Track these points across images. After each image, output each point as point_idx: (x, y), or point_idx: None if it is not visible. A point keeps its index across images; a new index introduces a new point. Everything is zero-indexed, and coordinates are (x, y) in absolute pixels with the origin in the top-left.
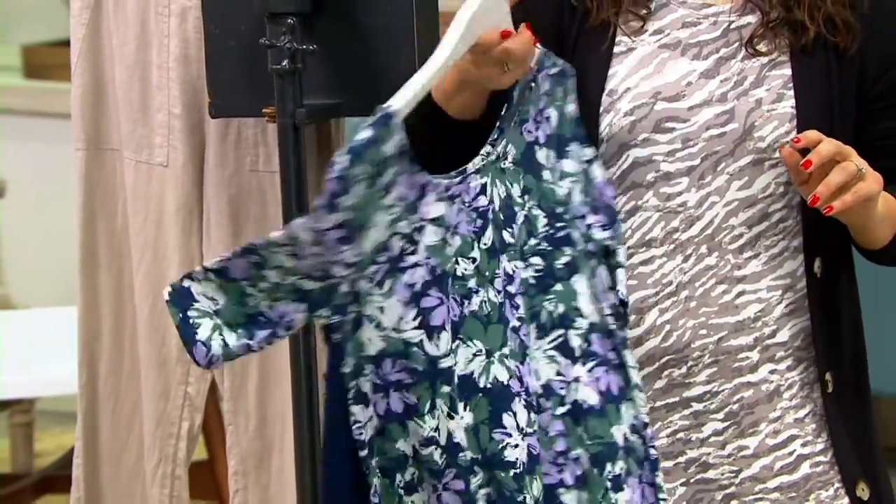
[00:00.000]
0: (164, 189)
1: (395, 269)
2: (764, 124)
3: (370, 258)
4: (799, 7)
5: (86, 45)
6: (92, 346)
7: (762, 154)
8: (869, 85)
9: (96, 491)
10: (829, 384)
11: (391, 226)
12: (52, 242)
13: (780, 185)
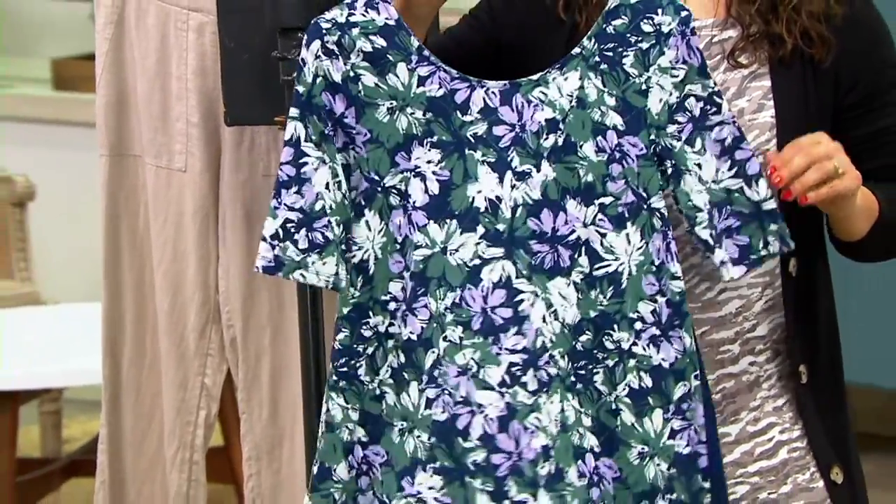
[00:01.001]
0: (183, 193)
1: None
2: (746, 133)
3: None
4: (777, 21)
5: (109, 59)
6: (115, 339)
7: None
8: (843, 94)
9: (120, 475)
10: (803, 376)
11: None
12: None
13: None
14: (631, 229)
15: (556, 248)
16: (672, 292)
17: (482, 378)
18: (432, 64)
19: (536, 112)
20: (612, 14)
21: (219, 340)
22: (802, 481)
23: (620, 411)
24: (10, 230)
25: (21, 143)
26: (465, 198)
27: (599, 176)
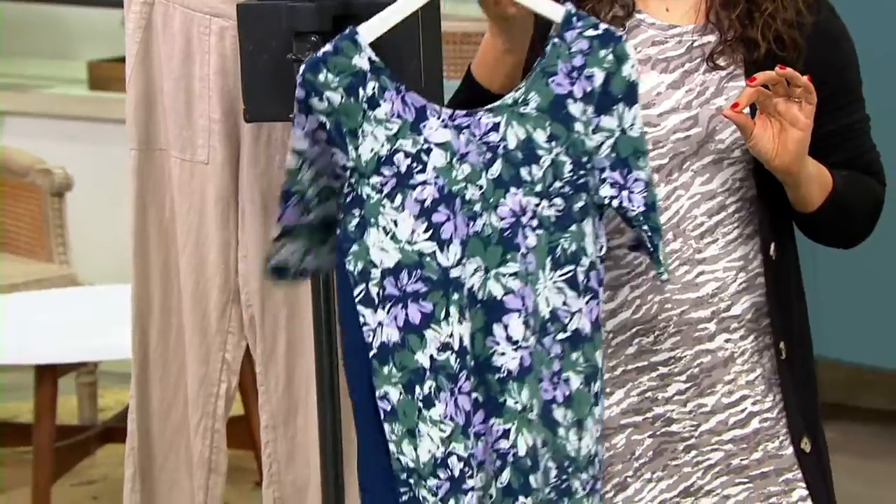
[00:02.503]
0: (206, 184)
1: (405, 185)
2: (724, 128)
3: (373, 167)
4: (752, 27)
5: (138, 61)
6: (144, 318)
7: (722, 154)
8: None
9: (148, 442)
10: (783, 352)
11: (392, 141)
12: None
13: (736, 181)
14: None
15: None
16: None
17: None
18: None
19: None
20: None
21: (238, 319)
22: (772, 449)
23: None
24: (49, 218)
25: (59, 138)
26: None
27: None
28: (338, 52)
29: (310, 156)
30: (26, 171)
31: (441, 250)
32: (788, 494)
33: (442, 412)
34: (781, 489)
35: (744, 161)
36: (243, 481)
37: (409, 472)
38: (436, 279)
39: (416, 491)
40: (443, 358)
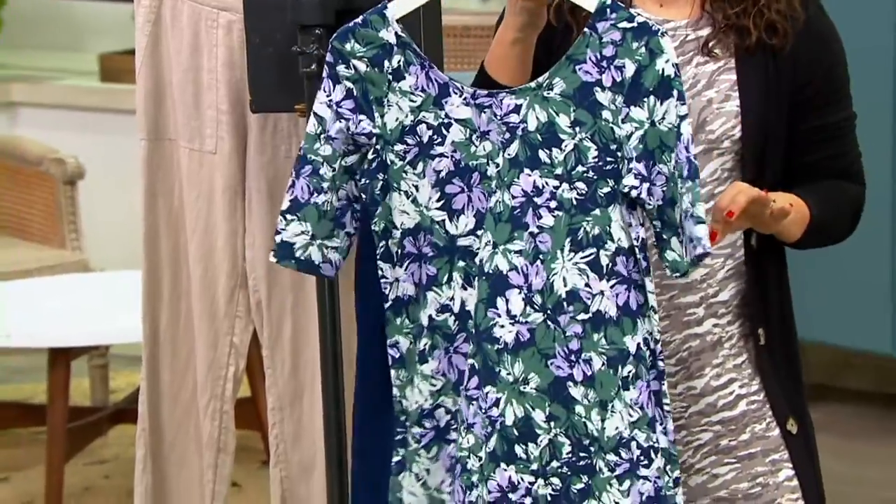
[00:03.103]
0: (213, 172)
1: (426, 154)
2: (714, 120)
3: (397, 135)
4: (746, 16)
5: (148, 53)
6: (154, 302)
7: (712, 144)
8: (798, 90)
9: (158, 423)
10: (761, 337)
11: (416, 112)
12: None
13: (724, 171)
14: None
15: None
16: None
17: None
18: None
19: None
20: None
21: (246, 304)
22: (759, 430)
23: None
24: (62, 206)
25: (72, 128)
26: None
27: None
28: (366, 24)
29: (329, 129)
30: (40, 160)
31: (450, 219)
32: (775, 475)
33: (434, 368)
34: (768, 469)
35: (732, 152)
36: (251, 460)
37: (407, 416)
38: (441, 246)
39: (406, 435)
40: (441, 319)
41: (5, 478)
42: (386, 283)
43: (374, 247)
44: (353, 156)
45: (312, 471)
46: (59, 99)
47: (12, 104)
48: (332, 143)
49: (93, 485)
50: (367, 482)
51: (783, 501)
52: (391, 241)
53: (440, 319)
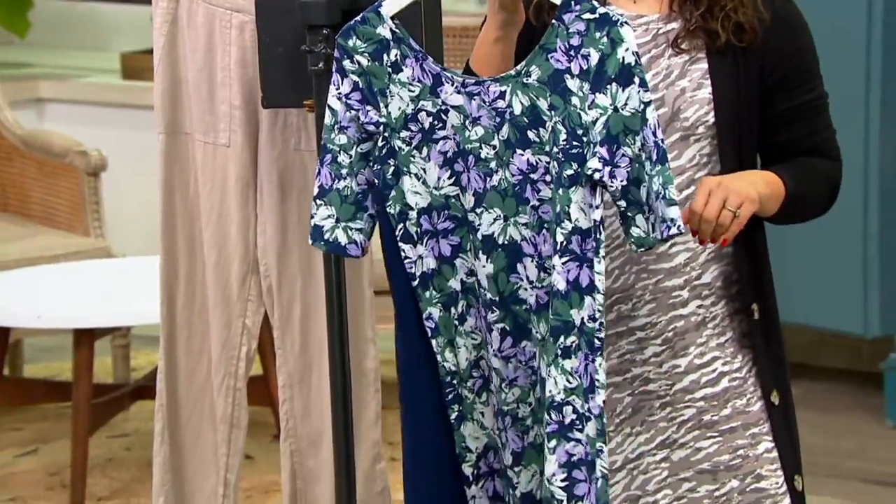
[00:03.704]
0: (227, 164)
1: (429, 139)
2: (688, 108)
3: (401, 123)
4: (713, 18)
5: (165, 52)
6: (171, 287)
7: (687, 131)
8: (766, 75)
9: (175, 399)
10: (755, 312)
11: (416, 101)
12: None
13: (703, 157)
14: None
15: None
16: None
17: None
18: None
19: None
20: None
21: (257, 288)
22: (740, 405)
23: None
24: (86, 196)
25: (95, 123)
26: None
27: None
28: (365, 21)
29: (341, 120)
30: (65, 153)
31: (462, 194)
32: (755, 447)
33: (473, 325)
34: (748, 442)
35: (709, 137)
36: (263, 435)
37: (452, 375)
38: (461, 217)
39: (458, 390)
40: (470, 281)
41: (34, 449)
42: (410, 263)
43: (391, 228)
44: (367, 143)
45: (320, 444)
46: (84, 95)
47: (40, 100)
48: (345, 132)
49: (115, 456)
50: (426, 439)
51: (762, 472)
52: (409, 222)
53: (470, 282)
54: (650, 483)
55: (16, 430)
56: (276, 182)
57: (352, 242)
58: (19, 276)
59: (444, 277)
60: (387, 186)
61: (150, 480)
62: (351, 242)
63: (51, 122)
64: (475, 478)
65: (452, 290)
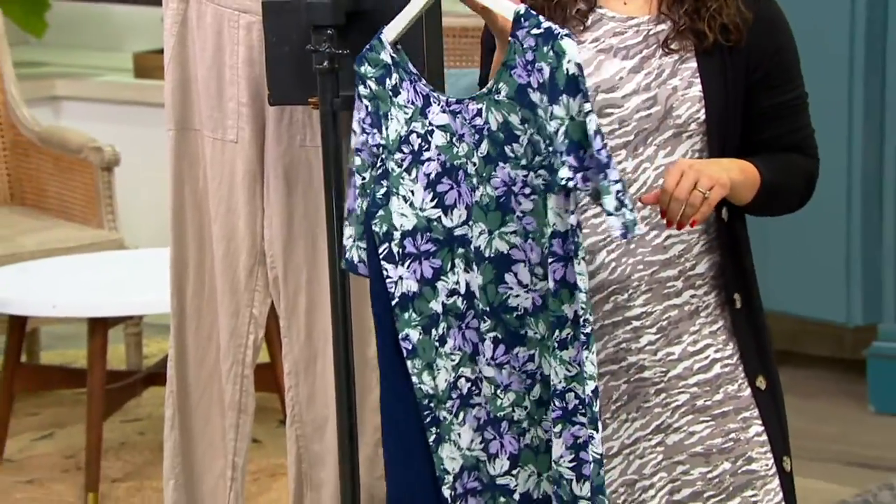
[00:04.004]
0: (235, 160)
1: (417, 160)
2: (680, 105)
3: (396, 145)
4: (700, 20)
5: (175, 52)
6: (181, 277)
7: (680, 128)
8: (751, 73)
9: (185, 386)
10: (737, 302)
11: (409, 123)
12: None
13: (695, 152)
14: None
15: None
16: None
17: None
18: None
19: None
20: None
21: (264, 279)
22: (731, 391)
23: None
24: (100, 190)
25: (109, 120)
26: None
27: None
28: (372, 49)
29: (357, 143)
30: (80, 149)
31: (445, 214)
32: (745, 430)
33: (452, 345)
34: (739, 426)
35: (700, 133)
36: (269, 420)
37: (430, 398)
38: (442, 239)
39: (436, 413)
40: (451, 301)
41: (50, 433)
42: (391, 283)
43: (375, 247)
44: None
45: (325, 429)
46: (98, 93)
47: (56, 98)
48: (360, 154)
49: (128, 440)
50: (401, 457)
51: (753, 454)
52: (393, 242)
53: (450, 302)
54: (646, 467)
55: (33, 415)
56: (282, 177)
57: (361, 261)
58: (36, 266)
59: (425, 300)
60: (376, 205)
61: (162, 463)
62: (360, 261)
63: (66, 119)
64: (453, 499)
65: (433, 312)
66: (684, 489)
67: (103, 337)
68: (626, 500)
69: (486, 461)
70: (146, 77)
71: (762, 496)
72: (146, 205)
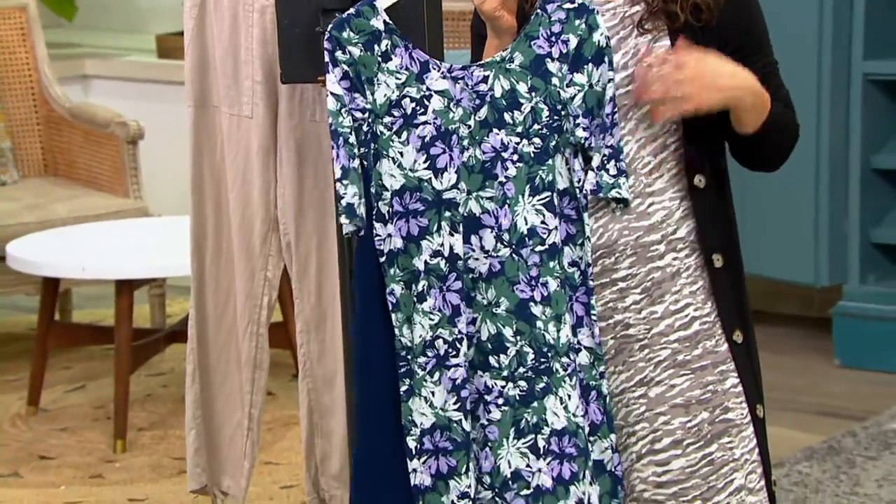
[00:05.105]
0: (250, 134)
1: (410, 124)
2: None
3: (385, 109)
4: (672, 1)
5: (194, 33)
6: (200, 243)
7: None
8: (723, 46)
9: (204, 343)
10: (717, 261)
11: (401, 88)
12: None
13: (673, 124)
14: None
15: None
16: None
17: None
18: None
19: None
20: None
21: (277, 244)
22: (710, 346)
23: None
24: (125, 162)
25: (133, 97)
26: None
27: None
28: (359, 14)
29: (345, 102)
30: (108, 124)
31: (436, 177)
32: (722, 383)
33: (431, 305)
34: (717, 378)
35: None
36: (283, 374)
37: (407, 350)
38: (430, 200)
39: (411, 365)
40: (434, 262)
41: (82, 386)
42: (380, 241)
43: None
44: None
45: (334, 383)
46: (124, 72)
47: (85, 77)
48: (350, 113)
49: (153, 392)
50: (374, 408)
51: (729, 405)
52: (382, 202)
53: (433, 263)
54: (630, 416)
55: (66, 369)
56: (293, 150)
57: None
58: (67, 233)
59: (409, 256)
60: (369, 168)
61: (184, 413)
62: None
63: (95, 96)
64: (418, 452)
65: (416, 268)
66: (665, 438)
67: (129, 297)
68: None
69: (459, 421)
70: (168, 57)
71: (737, 442)
72: (168, 175)
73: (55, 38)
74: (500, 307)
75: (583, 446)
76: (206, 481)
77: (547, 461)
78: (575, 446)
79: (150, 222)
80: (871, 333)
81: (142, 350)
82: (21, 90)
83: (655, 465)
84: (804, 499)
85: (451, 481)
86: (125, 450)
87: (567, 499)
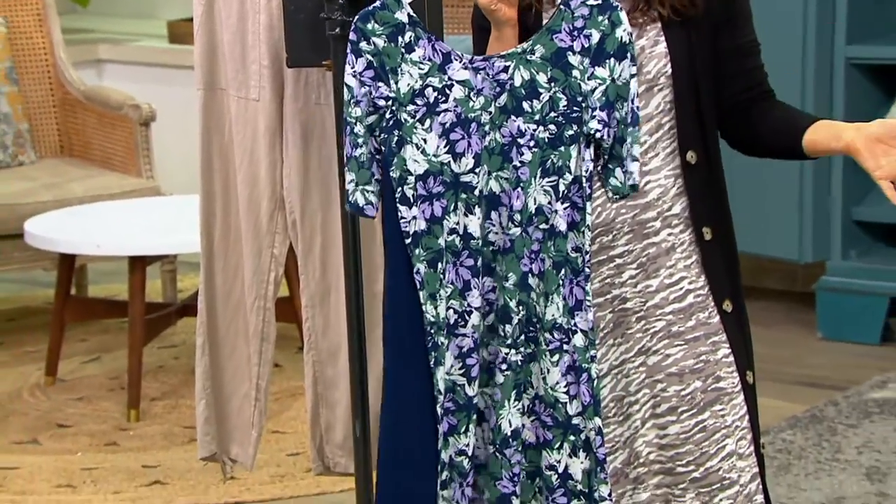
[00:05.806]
0: (257, 116)
1: (432, 112)
2: (648, 62)
3: (409, 98)
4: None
5: (203, 19)
6: (209, 221)
7: (651, 83)
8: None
9: (213, 316)
10: (707, 234)
11: (424, 78)
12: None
13: (667, 104)
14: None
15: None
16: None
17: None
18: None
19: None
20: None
21: (283, 222)
22: (703, 318)
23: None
24: (138, 143)
25: (146, 81)
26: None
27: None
28: (384, 7)
29: (356, 94)
30: (121, 106)
31: (454, 160)
32: (714, 353)
33: (449, 278)
34: (709, 349)
35: (670, 86)
36: (289, 347)
37: (431, 325)
38: (449, 182)
39: (436, 338)
40: (450, 239)
41: (97, 357)
42: (405, 223)
43: (392, 191)
44: (373, 116)
45: (338, 355)
46: (136, 57)
47: (100, 61)
48: (359, 105)
49: (165, 364)
50: (403, 377)
51: (721, 374)
52: (407, 186)
53: (449, 240)
54: (631, 385)
55: (82, 341)
56: (299, 132)
57: (368, 203)
58: (82, 211)
59: (434, 237)
60: (391, 154)
61: (194, 384)
62: (367, 203)
63: (109, 80)
64: (442, 416)
65: (440, 247)
66: (662, 405)
67: (142, 273)
68: (616, 413)
69: (463, 386)
70: (178, 42)
71: (729, 409)
72: (179, 156)
73: (70, 23)
74: (509, 281)
75: (561, 420)
76: (216, 449)
77: (531, 419)
78: (551, 416)
79: (162, 201)
80: (853, 307)
81: (154, 323)
82: (38, 74)
83: (657, 429)
84: (788, 465)
85: (451, 438)
86: (138, 419)
87: (539, 461)
